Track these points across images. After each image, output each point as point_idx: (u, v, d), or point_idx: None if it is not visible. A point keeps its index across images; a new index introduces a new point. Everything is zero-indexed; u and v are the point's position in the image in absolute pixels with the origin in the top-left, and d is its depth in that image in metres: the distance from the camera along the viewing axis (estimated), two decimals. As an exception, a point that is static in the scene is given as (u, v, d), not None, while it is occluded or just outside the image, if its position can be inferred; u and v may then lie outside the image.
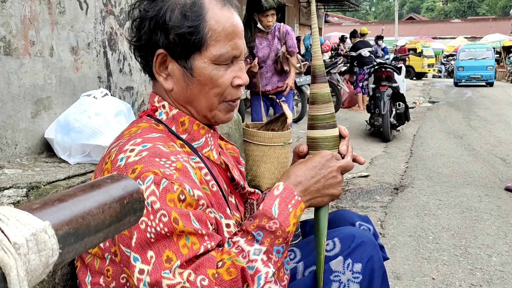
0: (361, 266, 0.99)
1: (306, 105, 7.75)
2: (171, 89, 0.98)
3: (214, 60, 0.94)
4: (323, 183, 0.98)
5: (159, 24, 0.92)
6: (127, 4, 2.24)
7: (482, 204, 3.60)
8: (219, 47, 0.93)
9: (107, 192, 0.44)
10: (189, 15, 0.91)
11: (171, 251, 0.80)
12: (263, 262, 0.87)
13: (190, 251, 0.81)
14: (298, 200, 0.95)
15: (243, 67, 1.00)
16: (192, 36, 0.91)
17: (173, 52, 0.94)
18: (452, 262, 2.55)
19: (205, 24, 0.92)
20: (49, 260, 0.36)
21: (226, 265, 0.84)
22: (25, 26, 1.55)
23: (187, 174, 0.86)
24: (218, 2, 0.95)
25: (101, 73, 2.03)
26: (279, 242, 0.91)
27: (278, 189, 0.96)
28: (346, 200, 3.72)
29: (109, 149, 0.94)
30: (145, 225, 0.80)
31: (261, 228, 0.90)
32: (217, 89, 0.96)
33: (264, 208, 0.93)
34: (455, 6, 48.71)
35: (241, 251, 0.88)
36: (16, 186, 1.22)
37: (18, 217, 0.35)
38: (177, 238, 0.81)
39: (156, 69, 0.97)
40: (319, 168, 0.99)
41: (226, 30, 0.93)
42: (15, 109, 1.52)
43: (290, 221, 0.92)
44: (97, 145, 1.55)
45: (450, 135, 7.10)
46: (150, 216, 0.80)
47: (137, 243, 0.80)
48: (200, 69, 0.94)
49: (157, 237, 0.80)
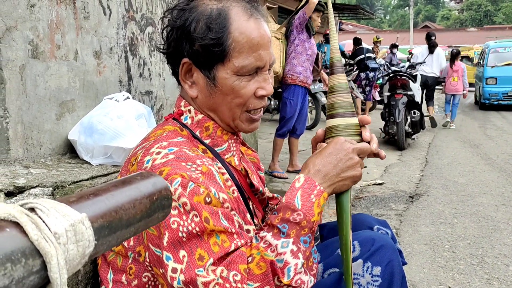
0: (381, 269, 0.99)
1: (320, 112, 7.74)
2: (196, 96, 1.00)
3: (236, 71, 0.95)
4: (341, 167, 0.98)
5: (185, 34, 0.94)
6: (148, 10, 2.29)
7: (499, 213, 3.56)
8: (242, 59, 0.94)
9: (138, 188, 0.45)
10: (213, 27, 0.92)
11: (203, 250, 0.82)
12: (292, 253, 0.89)
13: (221, 249, 0.83)
14: (321, 189, 0.96)
15: (267, 78, 1.00)
16: (215, 48, 0.93)
17: (197, 62, 0.96)
18: (469, 271, 2.52)
19: (228, 36, 0.93)
20: (85, 250, 0.37)
21: (256, 259, 0.86)
22: (52, 30, 1.60)
23: (213, 177, 0.88)
24: (245, 13, 0.96)
25: (122, 77, 2.07)
26: (305, 233, 0.92)
27: (299, 182, 0.97)
28: (360, 207, 3.71)
29: (135, 151, 0.96)
30: (177, 225, 0.82)
31: (286, 220, 0.92)
32: (239, 99, 0.97)
33: (287, 201, 0.94)
34: (471, 14, 48.30)
35: (269, 245, 0.90)
36: (42, 185, 1.26)
37: (57, 209, 0.36)
38: (207, 237, 0.83)
39: (182, 77, 0.99)
40: (335, 153, 0.99)
41: (250, 42, 0.94)
42: (40, 110, 1.56)
43: (314, 210, 0.93)
44: (118, 147, 1.58)
45: (466, 144, 7.03)
46: (182, 216, 0.83)
47: (169, 242, 0.82)
48: (223, 80, 0.95)
49: (189, 236, 0.82)
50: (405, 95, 6.40)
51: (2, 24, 1.38)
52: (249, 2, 0.98)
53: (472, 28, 40.88)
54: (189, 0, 0.97)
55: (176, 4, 0.99)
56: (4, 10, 1.39)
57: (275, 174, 4.43)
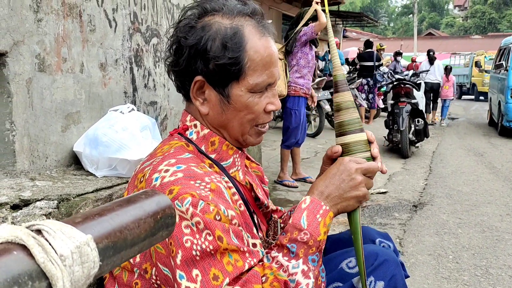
0: (384, 284, 1.00)
1: (324, 120, 7.75)
2: (207, 113, 1.01)
3: (250, 88, 0.96)
4: (344, 187, 0.99)
5: (200, 52, 0.94)
6: (153, 21, 2.31)
7: (503, 223, 3.54)
8: (256, 77, 0.96)
9: (142, 207, 0.46)
10: (230, 46, 0.93)
11: (217, 269, 0.83)
12: (303, 274, 0.91)
13: (235, 268, 0.84)
14: (326, 209, 0.98)
15: (276, 93, 1.02)
16: (232, 67, 0.94)
17: (211, 80, 0.97)
18: (473, 283, 2.51)
19: (244, 55, 0.94)
20: (90, 271, 0.38)
21: (270, 279, 0.87)
22: (58, 44, 1.63)
23: (221, 195, 0.89)
24: (258, 31, 0.97)
25: (127, 88, 2.10)
26: (313, 252, 0.94)
27: (305, 203, 0.99)
28: (364, 216, 3.70)
29: (142, 167, 0.97)
30: (191, 244, 0.83)
31: (294, 240, 0.94)
32: (251, 115, 0.99)
33: (293, 222, 0.96)
34: (475, 22, 48.28)
35: (280, 266, 0.92)
36: (48, 198, 1.27)
37: (63, 230, 0.37)
38: (220, 256, 0.84)
39: (194, 94, 0.99)
40: (338, 174, 1.00)
41: (263, 60, 0.96)
42: (46, 123, 1.58)
43: (320, 230, 0.95)
44: (123, 159, 1.59)
45: (470, 152, 7.00)
46: (195, 235, 0.83)
47: (183, 260, 0.83)
48: (237, 97, 0.97)
49: (202, 255, 0.83)
50: (409, 103, 6.40)
51: (10, 39, 1.41)
52: (259, 20, 0.99)
53: (476, 35, 40.84)
54: (198, 17, 0.97)
55: (182, 18, 0.99)
56: (12, 25, 1.41)
57: (285, 183, 4.48)
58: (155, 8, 2.33)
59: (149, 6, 2.27)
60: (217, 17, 0.96)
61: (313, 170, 5.09)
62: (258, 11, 1.00)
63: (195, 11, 0.98)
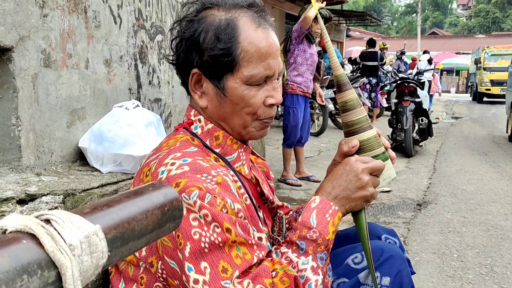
0: (390, 280, 1.00)
1: (328, 119, 7.74)
2: (206, 106, 1.01)
3: (245, 80, 0.96)
4: (350, 188, 0.99)
5: (194, 44, 0.95)
6: (157, 18, 2.31)
7: (508, 222, 3.52)
8: (251, 68, 0.95)
9: (150, 199, 0.46)
10: (222, 37, 0.93)
11: (225, 262, 0.83)
12: (312, 270, 0.91)
13: (243, 261, 0.84)
14: (335, 209, 0.98)
15: (276, 87, 1.01)
16: (224, 58, 0.94)
17: (207, 72, 0.97)
18: (478, 281, 2.50)
19: (237, 46, 0.94)
20: (99, 262, 0.37)
21: (279, 274, 0.87)
22: (64, 40, 1.62)
23: (228, 188, 0.89)
24: (253, 22, 0.96)
25: (132, 85, 2.10)
26: (321, 250, 0.94)
27: (314, 202, 0.99)
28: (368, 215, 3.69)
29: (147, 161, 0.97)
30: (199, 236, 0.83)
31: (303, 238, 0.94)
32: (249, 108, 0.98)
33: (302, 220, 0.96)
34: (479, 21, 48.10)
35: (290, 261, 0.92)
36: (53, 193, 1.27)
37: (72, 220, 0.37)
38: (228, 249, 0.84)
39: (192, 87, 1.00)
40: (344, 175, 1.00)
41: (259, 51, 0.95)
42: (52, 118, 1.58)
43: (329, 229, 0.95)
44: (128, 155, 1.59)
45: (474, 151, 6.98)
46: (203, 227, 0.83)
47: (191, 253, 0.83)
48: (232, 89, 0.96)
49: (211, 247, 0.83)
50: (413, 102, 6.38)
51: (16, 34, 1.41)
52: (257, 12, 0.99)
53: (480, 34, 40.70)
54: (198, 11, 0.98)
55: (185, 15, 1.00)
56: (18, 20, 1.41)
57: (289, 181, 4.47)
58: (159, 5, 2.33)
59: (153, 3, 2.27)
60: (214, 10, 0.97)
61: (316, 169, 5.08)
62: (257, 3, 1.00)
63: (195, 6, 1.00)
